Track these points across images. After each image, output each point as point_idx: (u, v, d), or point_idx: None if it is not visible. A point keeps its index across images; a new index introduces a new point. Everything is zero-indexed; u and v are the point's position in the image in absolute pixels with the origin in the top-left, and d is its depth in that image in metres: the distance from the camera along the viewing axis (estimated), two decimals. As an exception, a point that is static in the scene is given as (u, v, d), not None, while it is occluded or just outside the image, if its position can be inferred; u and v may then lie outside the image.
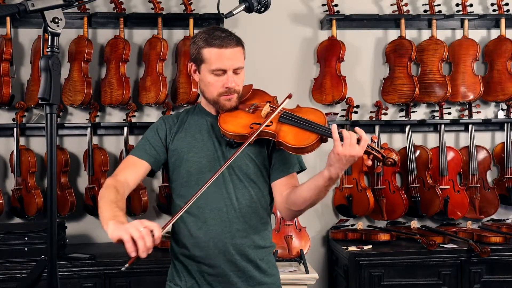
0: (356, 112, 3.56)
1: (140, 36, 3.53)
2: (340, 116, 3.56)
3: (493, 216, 3.62)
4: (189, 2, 3.44)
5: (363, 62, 3.68)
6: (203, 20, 3.47)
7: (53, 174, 1.24)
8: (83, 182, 3.46)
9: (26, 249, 2.94)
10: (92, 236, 3.50)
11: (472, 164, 3.53)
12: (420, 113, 3.67)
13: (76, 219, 3.47)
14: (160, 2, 3.45)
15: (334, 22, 3.53)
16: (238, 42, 1.82)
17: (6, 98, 3.29)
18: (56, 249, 1.25)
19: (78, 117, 3.50)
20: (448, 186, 3.49)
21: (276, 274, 1.94)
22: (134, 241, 1.43)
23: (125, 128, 3.37)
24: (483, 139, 3.68)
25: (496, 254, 3.09)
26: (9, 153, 3.39)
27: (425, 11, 3.60)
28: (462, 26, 3.61)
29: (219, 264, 1.81)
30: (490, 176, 3.66)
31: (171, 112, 3.39)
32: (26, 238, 2.95)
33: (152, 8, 3.45)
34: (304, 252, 3.18)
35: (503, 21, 3.55)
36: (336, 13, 3.53)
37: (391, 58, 3.55)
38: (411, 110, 3.59)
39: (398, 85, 3.49)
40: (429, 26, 3.59)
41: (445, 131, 3.55)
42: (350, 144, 1.58)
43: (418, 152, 3.57)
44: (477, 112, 3.61)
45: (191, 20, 3.40)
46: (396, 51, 3.52)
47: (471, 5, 3.60)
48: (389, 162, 1.63)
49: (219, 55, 1.78)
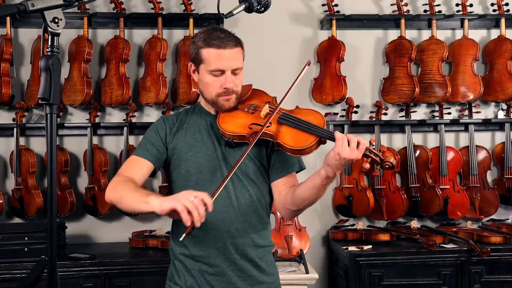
0: (356, 112, 3.56)
1: (140, 36, 3.53)
2: (340, 116, 3.56)
3: (493, 216, 3.62)
4: (189, 2, 3.44)
5: (363, 62, 3.68)
6: (203, 20, 3.47)
7: (53, 174, 1.24)
8: (83, 182, 3.46)
9: (26, 249, 2.93)
10: (92, 236, 3.50)
11: (472, 164, 3.53)
12: (420, 113, 3.67)
13: (76, 219, 3.47)
14: (160, 2, 3.45)
15: (334, 22, 3.53)
16: (237, 43, 1.82)
17: (6, 98, 3.29)
18: (56, 249, 1.25)
19: (78, 117, 3.50)
20: (448, 186, 3.49)
21: (275, 274, 1.94)
22: (188, 212, 1.48)
23: (125, 128, 3.37)
24: (483, 139, 3.68)
25: (496, 254, 3.09)
26: (9, 153, 3.39)
27: (425, 11, 3.60)
28: (462, 26, 3.61)
29: (219, 263, 1.82)
30: (490, 176, 3.66)
31: (171, 112, 3.38)
32: (26, 238, 2.95)
33: (152, 8, 3.45)
34: (304, 252, 3.18)
35: (503, 21, 3.55)
36: (336, 13, 3.53)
37: (391, 58, 3.55)
38: (411, 110, 3.59)
39: (398, 85, 3.49)
40: (429, 26, 3.59)
41: (445, 131, 3.55)
42: (352, 148, 1.60)
43: (418, 152, 3.57)
44: (477, 112, 3.61)
45: (191, 20, 3.40)
46: (396, 51, 3.52)
47: (471, 5, 3.60)
48: (387, 166, 1.65)
49: (218, 55, 1.78)
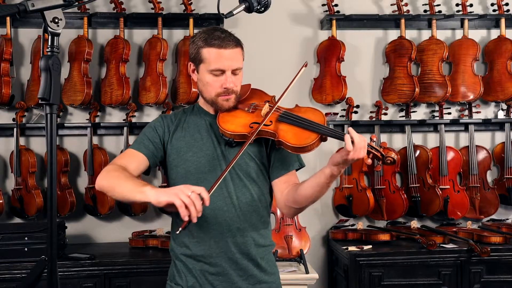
0: (356, 112, 3.56)
1: (140, 36, 3.53)
2: (340, 116, 3.56)
3: (493, 216, 3.62)
4: (189, 2, 3.44)
5: (363, 62, 3.68)
6: (203, 20, 3.48)
7: (53, 174, 1.24)
8: (83, 182, 3.47)
9: (26, 249, 2.93)
10: (92, 236, 3.50)
11: (472, 164, 3.53)
12: (420, 113, 3.67)
13: (76, 219, 3.47)
14: (160, 2, 3.45)
15: (334, 22, 3.53)
16: (237, 43, 1.83)
17: (6, 98, 3.29)
18: (56, 249, 1.25)
19: (78, 117, 3.50)
20: (448, 186, 3.49)
21: (276, 273, 1.94)
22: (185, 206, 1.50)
23: (125, 128, 3.37)
24: (483, 139, 3.68)
25: (496, 254, 3.09)
26: (9, 153, 3.39)
27: (425, 11, 3.60)
28: (462, 26, 3.61)
29: (221, 262, 1.82)
30: (490, 176, 3.66)
31: (171, 112, 3.38)
32: (26, 238, 2.95)
33: (152, 8, 3.45)
34: (304, 252, 3.18)
35: (503, 21, 3.55)
36: (336, 13, 3.53)
37: (391, 58, 3.55)
38: (411, 110, 3.59)
39: (398, 85, 3.49)
40: (429, 26, 3.59)
41: (445, 131, 3.55)
42: (360, 148, 1.62)
43: (418, 152, 3.57)
44: (477, 112, 3.61)
45: (191, 20, 3.40)
46: (396, 51, 3.52)
47: (471, 5, 3.60)
48: (389, 161, 1.68)
49: (218, 55, 1.78)
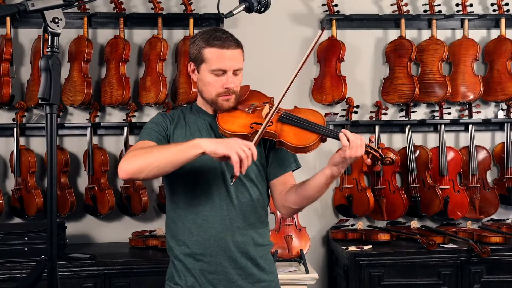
0: (356, 112, 3.56)
1: (140, 36, 3.53)
2: (340, 116, 3.56)
3: (493, 216, 3.62)
4: (189, 2, 3.44)
5: (363, 62, 3.68)
6: (203, 20, 3.48)
7: (53, 174, 1.24)
8: (83, 182, 3.47)
9: (26, 249, 2.93)
10: (92, 236, 3.50)
11: (472, 164, 3.53)
12: (420, 113, 3.67)
13: (76, 219, 3.47)
14: (160, 2, 3.45)
15: (334, 22, 3.53)
16: (238, 44, 1.86)
17: (6, 98, 3.29)
18: (56, 249, 1.25)
19: (78, 117, 3.50)
20: (448, 186, 3.49)
21: (275, 272, 1.96)
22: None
23: (125, 128, 3.37)
24: (483, 139, 3.68)
25: (496, 254, 3.09)
26: (9, 153, 3.39)
27: (425, 11, 3.60)
28: (462, 26, 3.61)
29: (220, 261, 1.83)
30: (490, 176, 3.65)
31: (173, 110, 3.39)
32: (26, 238, 2.95)
33: (152, 8, 3.45)
34: (304, 252, 3.18)
35: (503, 21, 3.55)
36: (336, 13, 3.53)
37: (391, 58, 3.55)
38: (411, 110, 3.59)
39: (398, 85, 3.49)
40: (429, 26, 3.59)
41: (445, 131, 3.55)
42: (356, 146, 1.67)
43: (418, 152, 3.57)
44: (477, 112, 3.61)
45: (191, 20, 3.40)
46: (396, 51, 3.52)
47: (471, 5, 3.60)
48: (388, 161, 1.72)
49: (220, 55, 1.80)
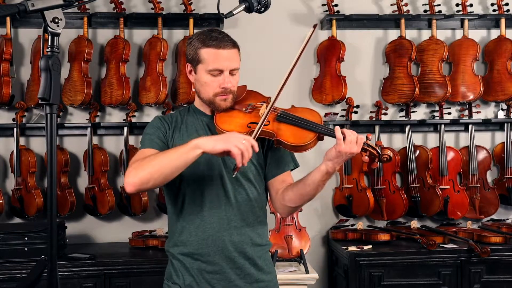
0: (356, 112, 3.56)
1: (140, 36, 3.53)
2: (340, 116, 3.56)
3: (493, 216, 3.62)
4: (189, 2, 3.44)
5: (363, 62, 3.68)
6: (203, 20, 3.47)
7: (53, 174, 1.24)
8: (83, 182, 3.46)
9: (26, 249, 2.93)
10: (92, 236, 3.50)
11: (472, 164, 3.53)
12: (420, 113, 3.67)
13: (76, 219, 3.47)
14: (160, 2, 3.45)
15: (334, 22, 3.53)
16: (234, 44, 1.87)
17: (6, 98, 3.29)
18: (56, 249, 1.25)
19: (78, 117, 3.50)
20: (448, 186, 3.49)
21: (273, 272, 1.96)
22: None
23: (125, 128, 3.37)
24: (483, 139, 3.68)
25: (496, 254, 3.09)
26: (9, 153, 3.39)
27: (425, 11, 3.60)
28: (462, 26, 3.61)
29: (218, 261, 1.83)
30: (490, 176, 3.65)
31: (171, 112, 3.38)
32: (26, 238, 2.95)
33: (152, 8, 3.45)
34: (304, 252, 3.18)
35: (503, 21, 3.55)
36: (336, 13, 3.53)
37: (391, 58, 3.55)
38: (411, 110, 3.59)
39: (398, 85, 3.49)
40: (429, 26, 3.59)
41: (445, 131, 3.55)
42: (351, 142, 1.69)
43: (418, 152, 3.57)
44: (477, 112, 3.61)
45: (191, 20, 3.40)
46: (396, 51, 3.52)
47: (471, 5, 3.60)
48: (385, 158, 1.73)
49: (217, 55, 1.81)
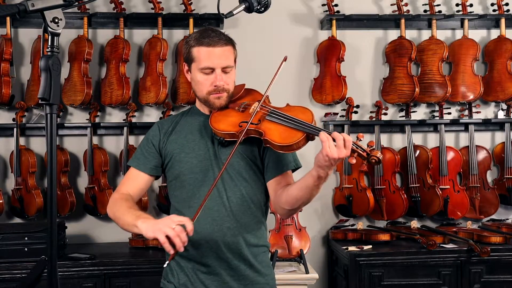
0: (356, 112, 3.56)
1: (140, 36, 3.53)
2: (340, 116, 3.56)
3: (493, 216, 3.61)
4: (189, 2, 3.44)
5: (363, 62, 3.68)
6: (203, 20, 3.47)
7: (53, 174, 1.24)
8: (83, 182, 3.46)
9: (26, 249, 2.93)
10: (92, 236, 3.50)
11: (472, 164, 3.53)
12: (420, 113, 3.67)
13: (76, 219, 3.47)
14: (160, 2, 3.45)
15: (334, 22, 3.53)
16: (228, 42, 1.85)
17: (6, 98, 3.29)
18: (56, 249, 1.25)
19: (78, 117, 3.50)
20: (448, 186, 3.49)
21: (270, 274, 1.94)
22: (170, 239, 1.54)
23: (125, 128, 3.37)
24: (483, 139, 3.68)
25: (496, 254, 3.09)
26: (9, 153, 3.39)
27: (425, 11, 3.60)
28: (462, 26, 3.61)
29: (211, 262, 1.83)
30: (490, 176, 3.65)
31: (171, 112, 3.39)
32: (26, 238, 2.95)
33: (152, 8, 3.45)
34: (304, 252, 3.18)
35: (503, 21, 3.55)
36: (336, 13, 3.53)
37: (391, 58, 3.55)
38: (411, 110, 3.59)
39: (398, 85, 3.49)
40: (429, 26, 3.59)
41: (445, 131, 3.55)
42: (339, 146, 1.58)
43: (418, 152, 3.57)
44: (477, 112, 3.61)
45: (191, 20, 3.40)
46: (396, 51, 3.52)
47: (471, 5, 3.60)
48: (373, 160, 1.61)
49: (208, 53, 1.81)
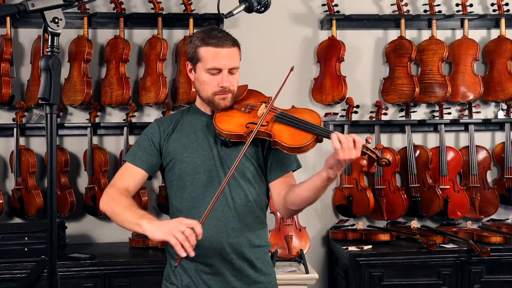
0: (356, 112, 3.56)
1: (140, 36, 3.53)
2: (340, 116, 3.56)
3: (493, 216, 3.61)
4: (189, 2, 3.44)
5: (363, 62, 3.68)
6: (203, 20, 3.47)
7: (53, 174, 1.24)
8: (83, 182, 3.46)
9: (26, 249, 2.93)
10: (92, 236, 3.50)
11: (472, 164, 3.53)
12: (420, 113, 3.67)
13: (76, 219, 3.47)
14: (160, 2, 3.45)
15: (334, 22, 3.53)
16: (235, 43, 1.85)
17: (6, 98, 3.29)
18: (56, 249, 1.25)
19: (78, 117, 3.50)
20: (448, 186, 3.49)
21: (272, 274, 1.95)
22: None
23: (125, 128, 3.37)
24: (483, 139, 3.68)
25: (496, 254, 3.09)
26: (9, 153, 3.39)
27: (425, 11, 3.60)
28: (462, 26, 3.61)
29: (215, 263, 1.83)
30: (490, 176, 3.65)
31: (171, 112, 3.39)
32: (26, 238, 2.95)
33: (152, 8, 3.45)
34: (304, 252, 3.18)
35: (503, 21, 3.55)
36: (336, 13, 3.53)
37: (391, 58, 3.55)
38: (411, 110, 3.59)
39: (398, 85, 3.49)
40: (429, 26, 3.59)
41: (445, 131, 3.55)
42: (349, 148, 1.60)
43: (418, 152, 3.57)
44: (477, 112, 3.61)
45: (191, 20, 3.40)
46: (396, 51, 3.52)
47: (471, 5, 3.60)
48: (384, 162, 1.65)
49: (215, 54, 1.80)
